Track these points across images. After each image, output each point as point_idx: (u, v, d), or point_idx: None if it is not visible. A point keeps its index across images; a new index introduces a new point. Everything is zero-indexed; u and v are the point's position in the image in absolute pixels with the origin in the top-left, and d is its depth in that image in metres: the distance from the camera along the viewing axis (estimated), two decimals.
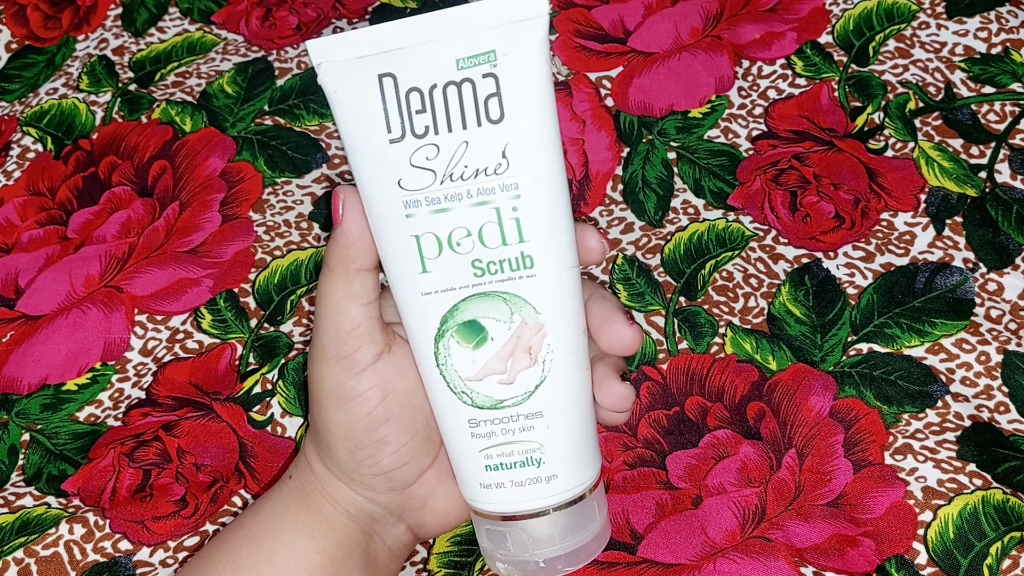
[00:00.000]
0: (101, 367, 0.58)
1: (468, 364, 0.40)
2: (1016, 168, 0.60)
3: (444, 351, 0.40)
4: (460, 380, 0.40)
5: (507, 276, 0.38)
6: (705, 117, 0.65)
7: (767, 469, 0.50)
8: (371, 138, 0.38)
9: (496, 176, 0.37)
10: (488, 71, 0.37)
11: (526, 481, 0.40)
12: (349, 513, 0.43)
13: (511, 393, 0.40)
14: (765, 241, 0.59)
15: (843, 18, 0.68)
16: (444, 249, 0.38)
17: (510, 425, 0.40)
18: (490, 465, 0.40)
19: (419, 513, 0.44)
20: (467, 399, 0.40)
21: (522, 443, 0.40)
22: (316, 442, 0.43)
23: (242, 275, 0.61)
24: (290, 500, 0.44)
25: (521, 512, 0.41)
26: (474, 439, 0.41)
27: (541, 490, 0.41)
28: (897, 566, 0.47)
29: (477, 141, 0.37)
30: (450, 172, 0.38)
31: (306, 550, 0.43)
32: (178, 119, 0.68)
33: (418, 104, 0.37)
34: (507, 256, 0.38)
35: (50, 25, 0.76)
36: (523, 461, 0.40)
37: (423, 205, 0.38)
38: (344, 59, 0.38)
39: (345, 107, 0.38)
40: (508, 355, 0.39)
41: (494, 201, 0.38)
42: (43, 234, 0.64)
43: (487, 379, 0.40)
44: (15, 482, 0.54)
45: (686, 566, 0.47)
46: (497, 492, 0.41)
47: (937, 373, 0.53)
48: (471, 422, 0.40)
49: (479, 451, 0.41)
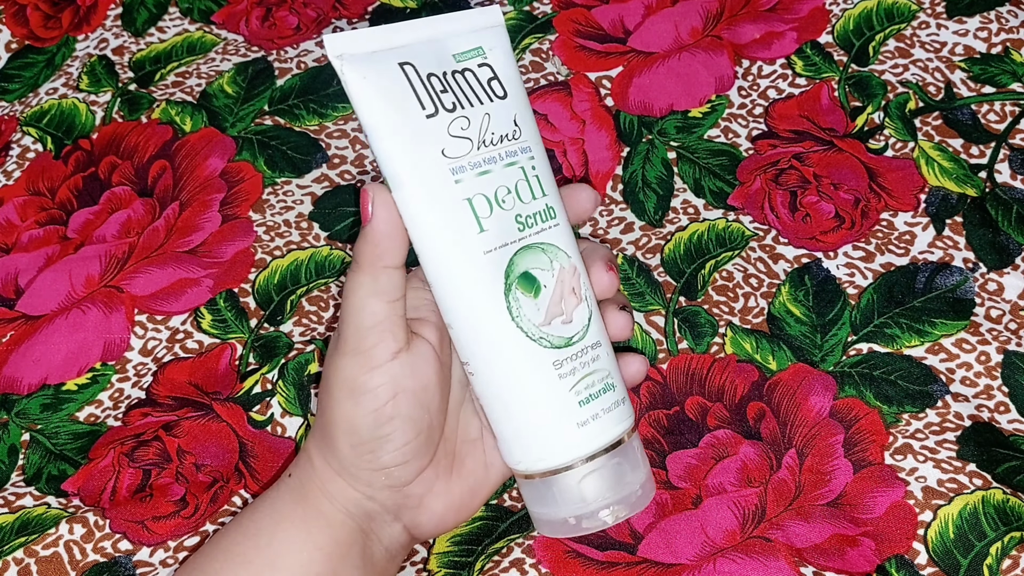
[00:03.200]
0: (101, 367, 0.58)
1: (535, 311, 0.42)
2: (1016, 168, 0.60)
3: (515, 303, 0.42)
4: (535, 327, 0.42)
5: (540, 227, 0.43)
6: (705, 117, 0.65)
7: (767, 469, 0.50)
8: (409, 116, 0.41)
9: (515, 141, 0.43)
10: (482, 61, 0.43)
11: (611, 406, 0.43)
12: (347, 511, 0.43)
13: (574, 330, 0.43)
14: (765, 241, 0.59)
15: (843, 18, 0.68)
16: (494, 208, 0.42)
17: (584, 358, 0.43)
18: (582, 400, 0.42)
19: (415, 512, 0.44)
20: (546, 343, 0.42)
21: (598, 371, 0.43)
22: (320, 435, 0.44)
23: (242, 275, 0.61)
24: (288, 498, 0.44)
25: (616, 438, 0.43)
26: (562, 380, 0.42)
27: (623, 412, 0.44)
28: (897, 566, 0.47)
29: (495, 113, 0.43)
30: (483, 139, 0.42)
31: (303, 547, 0.43)
32: (178, 119, 0.68)
33: (440, 85, 0.42)
34: (538, 209, 0.43)
35: (50, 25, 0.76)
36: (603, 388, 0.43)
37: (468, 170, 0.41)
38: (364, 51, 0.41)
39: (374, 93, 0.41)
40: (560, 298, 0.43)
41: (519, 161, 0.43)
42: (43, 234, 0.64)
43: (553, 322, 0.42)
44: (15, 482, 0.54)
45: (686, 566, 0.47)
46: (594, 425, 0.42)
47: (937, 373, 0.53)
48: (555, 364, 0.42)
49: (570, 389, 0.42)
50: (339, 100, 0.68)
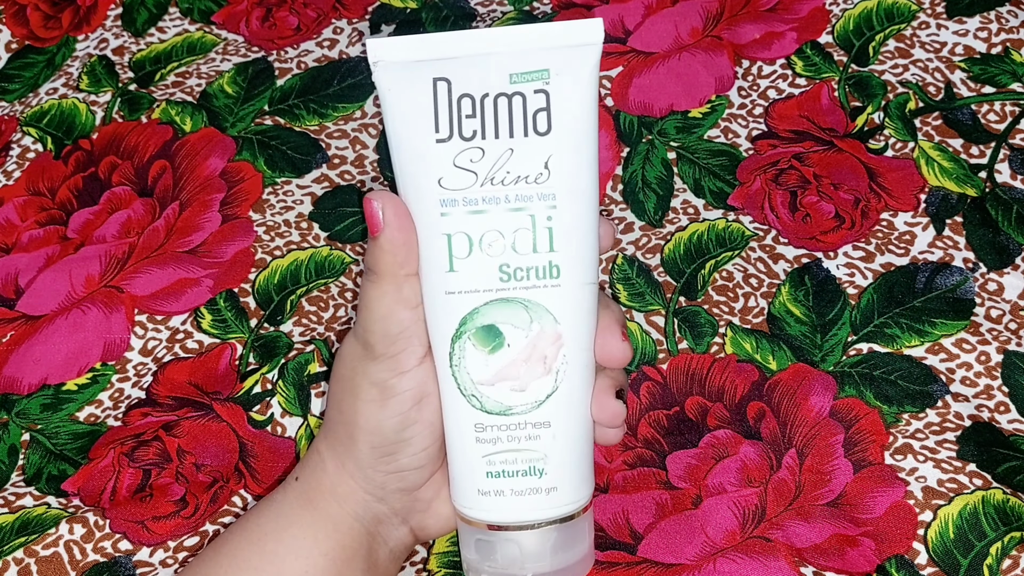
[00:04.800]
0: (101, 367, 0.58)
1: (482, 368, 0.40)
2: (1016, 168, 0.60)
3: (459, 352, 0.40)
4: (472, 383, 0.40)
5: (532, 284, 0.39)
6: (705, 117, 0.65)
7: (767, 469, 0.50)
8: (417, 136, 0.39)
9: (536, 185, 0.39)
10: (540, 87, 0.39)
11: (526, 491, 0.41)
12: (356, 514, 0.43)
13: (522, 400, 0.40)
14: (765, 241, 0.59)
15: (843, 18, 0.68)
16: (474, 250, 0.39)
17: (516, 432, 0.40)
18: (492, 472, 0.41)
19: (423, 515, 0.45)
20: (476, 403, 0.40)
21: (527, 452, 0.40)
22: (335, 436, 0.44)
23: (242, 275, 0.61)
24: (295, 502, 0.44)
25: (516, 523, 0.41)
26: (478, 444, 0.41)
27: (540, 501, 0.41)
28: (897, 566, 0.47)
29: (522, 150, 0.39)
30: (491, 176, 0.39)
31: (309, 552, 0.43)
32: (178, 119, 0.68)
33: (468, 109, 0.39)
34: (535, 264, 0.39)
35: (50, 25, 0.76)
36: (525, 470, 0.40)
37: (460, 205, 0.39)
38: (401, 60, 0.40)
39: (395, 104, 0.40)
40: (523, 362, 0.40)
41: (530, 208, 0.39)
42: (43, 234, 0.64)
43: (499, 384, 0.40)
44: (15, 482, 0.54)
45: (686, 566, 0.47)
46: (495, 500, 0.41)
47: (937, 373, 0.53)
48: (477, 426, 0.40)
49: (482, 456, 0.41)
50: (339, 100, 0.68)
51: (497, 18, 0.71)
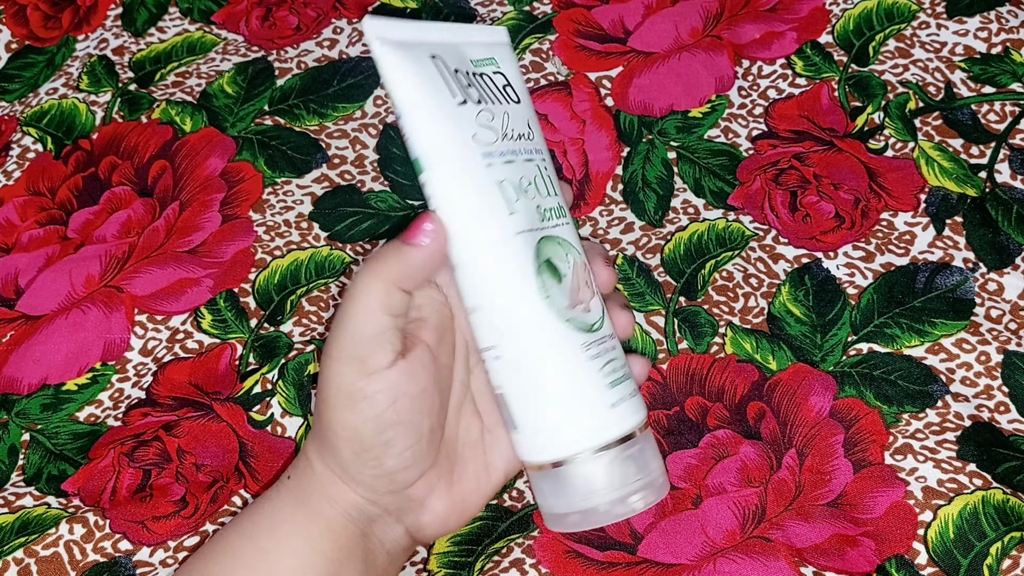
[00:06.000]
0: (101, 367, 0.58)
1: (561, 296, 0.42)
2: (1016, 168, 0.60)
3: (543, 284, 0.42)
4: (564, 309, 0.42)
5: (556, 222, 0.44)
6: (705, 117, 0.65)
7: (767, 469, 0.50)
8: (443, 101, 0.42)
9: (529, 141, 0.44)
10: (496, 70, 0.45)
11: (632, 392, 0.44)
12: (348, 514, 0.43)
13: (595, 318, 0.43)
14: (765, 241, 0.59)
15: (843, 18, 0.68)
16: (520, 195, 0.43)
17: (607, 344, 0.43)
18: (611, 381, 0.43)
19: (417, 514, 0.44)
20: (575, 324, 0.42)
21: (618, 359, 0.44)
22: (319, 441, 0.43)
23: (242, 275, 0.61)
24: (288, 501, 0.44)
25: (641, 423, 0.43)
26: (593, 360, 0.42)
27: (639, 402, 0.44)
28: (897, 566, 0.47)
29: (512, 113, 0.44)
30: (505, 132, 0.43)
31: (303, 551, 0.43)
32: (178, 119, 0.68)
33: (465, 80, 0.43)
34: (552, 205, 0.44)
35: (50, 25, 0.76)
36: (624, 375, 0.43)
37: (495, 156, 0.43)
38: (398, 39, 0.42)
39: (410, 76, 0.42)
40: (578, 288, 0.43)
41: (535, 160, 0.44)
42: (43, 234, 0.64)
43: (576, 307, 0.43)
44: (15, 482, 0.54)
45: (686, 566, 0.47)
46: (624, 407, 0.43)
47: (937, 373, 0.53)
48: (583, 345, 0.42)
49: (599, 370, 0.42)
50: (339, 100, 0.68)
51: (497, 18, 0.71)
